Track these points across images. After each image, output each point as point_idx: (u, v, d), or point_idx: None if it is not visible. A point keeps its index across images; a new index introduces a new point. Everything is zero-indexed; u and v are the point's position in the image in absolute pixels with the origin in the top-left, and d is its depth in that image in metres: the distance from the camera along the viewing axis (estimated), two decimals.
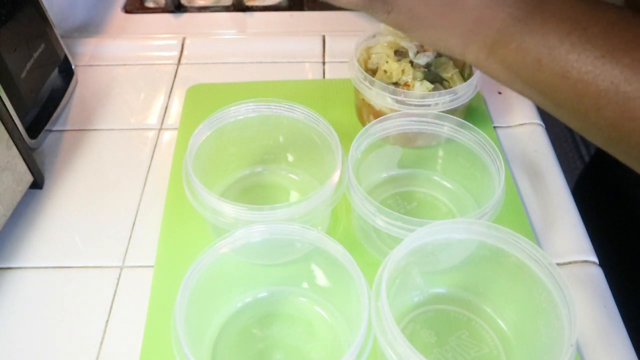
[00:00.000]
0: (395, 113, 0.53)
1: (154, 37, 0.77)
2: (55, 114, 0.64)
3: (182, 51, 0.75)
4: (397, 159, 0.58)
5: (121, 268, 0.52)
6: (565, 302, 0.39)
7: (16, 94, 0.56)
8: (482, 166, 0.51)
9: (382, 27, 0.63)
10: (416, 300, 0.48)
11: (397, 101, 0.56)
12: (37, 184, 0.57)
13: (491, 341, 0.46)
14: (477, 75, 0.57)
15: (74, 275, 0.51)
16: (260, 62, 0.74)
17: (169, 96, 0.69)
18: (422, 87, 0.57)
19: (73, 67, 0.69)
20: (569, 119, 0.38)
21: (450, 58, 0.61)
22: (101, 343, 0.47)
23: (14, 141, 0.52)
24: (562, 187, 0.58)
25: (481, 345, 0.45)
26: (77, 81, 0.70)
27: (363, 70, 0.58)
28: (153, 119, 0.66)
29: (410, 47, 0.59)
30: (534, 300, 0.42)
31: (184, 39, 0.76)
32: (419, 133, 0.54)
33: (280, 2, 0.83)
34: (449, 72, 0.59)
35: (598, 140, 0.37)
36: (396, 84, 0.58)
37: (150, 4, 0.83)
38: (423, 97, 0.55)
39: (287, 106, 0.53)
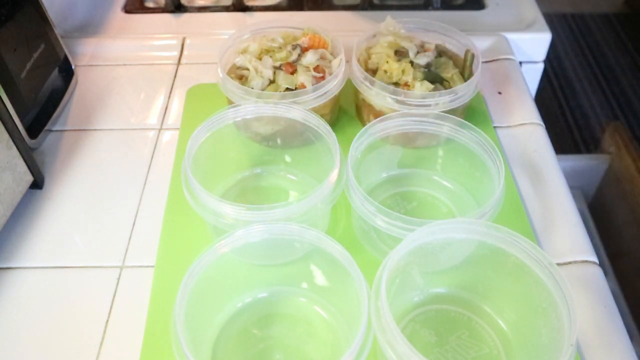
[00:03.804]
0: (395, 113, 0.53)
1: (154, 37, 0.77)
2: (55, 114, 0.64)
3: (182, 51, 0.75)
4: (397, 159, 0.58)
5: (121, 268, 0.52)
6: (565, 302, 0.39)
7: (16, 94, 0.56)
8: (482, 166, 0.51)
9: (382, 26, 0.63)
10: (416, 300, 0.48)
11: (397, 101, 0.56)
12: (37, 184, 0.57)
13: (491, 341, 0.46)
14: (477, 75, 0.57)
15: (74, 275, 0.51)
16: None
17: (169, 96, 0.69)
18: (422, 87, 0.57)
19: (73, 67, 0.69)
20: None
21: (450, 58, 0.61)
22: (101, 343, 0.47)
23: (14, 141, 0.53)
24: (562, 187, 0.58)
25: (481, 345, 0.45)
26: (77, 81, 0.70)
27: (363, 70, 0.57)
28: (153, 119, 0.66)
29: (411, 47, 0.59)
30: (534, 300, 0.42)
31: (184, 39, 0.76)
32: (419, 133, 0.54)
33: (280, 2, 0.83)
34: (449, 72, 0.59)
35: None
36: (396, 84, 0.58)
37: (150, 4, 0.83)
38: (423, 97, 0.55)
39: (284, 106, 0.53)
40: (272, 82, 0.58)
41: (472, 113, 0.64)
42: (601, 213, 1.12)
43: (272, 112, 0.54)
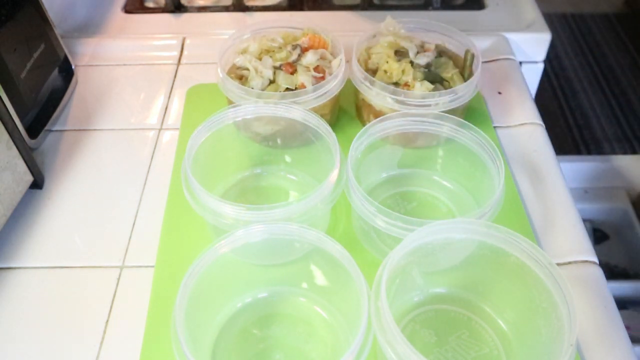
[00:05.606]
0: (395, 113, 0.53)
1: (154, 37, 0.77)
2: (55, 114, 0.64)
3: (182, 51, 0.75)
4: (397, 159, 0.58)
5: (121, 268, 0.52)
6: (565, 302, 0.39)
7: (16, 94, 0.56)
8: (482, 166, 0.51)
9: (382, 26, 0.63)
10: (416, 300, 0.48)
11: (397, 101, 0.56)
12: (37, 184, 0.57)
13: (491, 341, 0.46)
14: (477, 75, 0.57)
15: (74, 275, 0.51)
16: None
17: (169, 96, 0.69)
18: (422, 87, 0.57)
19: (73, 67, 0.69)
20: None
21: (450, 58, 0.61)
22: (101, 343, 0.47)
23: (14, 141, 0.52)
24: (562, 187, 0.58)
25: (481, 345, 0.45)
26: (77, 81, 0.70)
27: (363, 70, 0.57)
28: (153, 119, 0.66)
29: (411, 47, 0.59)
30: (534, 300, 0.42)
31: (184, 39, 0.76)
32: (419, 133, 0.54)
33: (280, 2, 0.83)
34: (449, 72, 0.59)
35: None
36: (396, 84, 0.58)
37: (150, 4, 0.83)
38: (423, 97, 0.55)
39: (284, 106, 0.53)
40: (272, 82, 0.58)
41: (472, 113, 0.64)
42: None
43: (272, 112, 0.54)
